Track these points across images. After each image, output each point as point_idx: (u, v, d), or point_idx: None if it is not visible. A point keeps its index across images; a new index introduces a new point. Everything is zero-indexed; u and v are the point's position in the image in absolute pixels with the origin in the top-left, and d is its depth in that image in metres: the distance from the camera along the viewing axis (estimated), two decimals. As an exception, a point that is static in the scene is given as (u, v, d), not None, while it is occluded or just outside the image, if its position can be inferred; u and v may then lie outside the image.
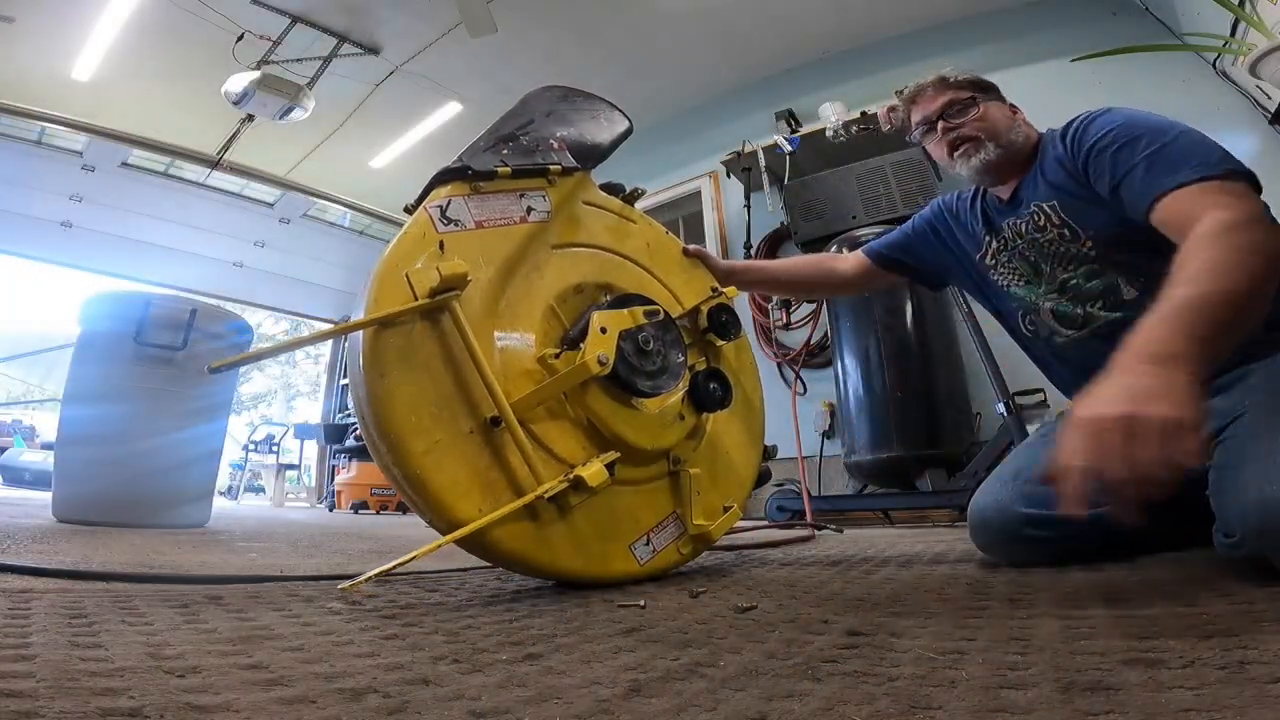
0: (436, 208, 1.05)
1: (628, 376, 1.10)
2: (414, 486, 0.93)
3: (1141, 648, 0.54)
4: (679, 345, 1.21)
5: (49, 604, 0.79)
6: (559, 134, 1.24)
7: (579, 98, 1.34)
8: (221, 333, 2.59)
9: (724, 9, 4.20)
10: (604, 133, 1.32)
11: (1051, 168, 1.21)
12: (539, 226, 1.16)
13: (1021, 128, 1.27)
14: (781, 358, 4.19)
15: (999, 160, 1.25)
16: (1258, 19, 2.36)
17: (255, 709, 0.43)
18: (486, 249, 1.08)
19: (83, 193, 5.78)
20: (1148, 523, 0.66)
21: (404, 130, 5.43)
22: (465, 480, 0.95)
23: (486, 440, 0.98)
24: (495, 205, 1.11)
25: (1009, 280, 1.34)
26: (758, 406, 1.44)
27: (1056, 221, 1.21)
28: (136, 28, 4.27)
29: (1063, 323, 1.25)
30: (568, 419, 1.09)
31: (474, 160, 1.11)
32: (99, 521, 2.24)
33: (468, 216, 1.08)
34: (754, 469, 1.38)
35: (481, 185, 1.10)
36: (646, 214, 1.39)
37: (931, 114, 1.29)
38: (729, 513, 1.26)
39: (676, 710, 0.44)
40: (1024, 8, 4.02)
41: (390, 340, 0.95)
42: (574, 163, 1.23)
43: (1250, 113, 3.19)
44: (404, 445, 0.92)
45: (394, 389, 0.93)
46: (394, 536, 2.39)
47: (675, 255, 1.41)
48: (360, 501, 5.62)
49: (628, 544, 1.11)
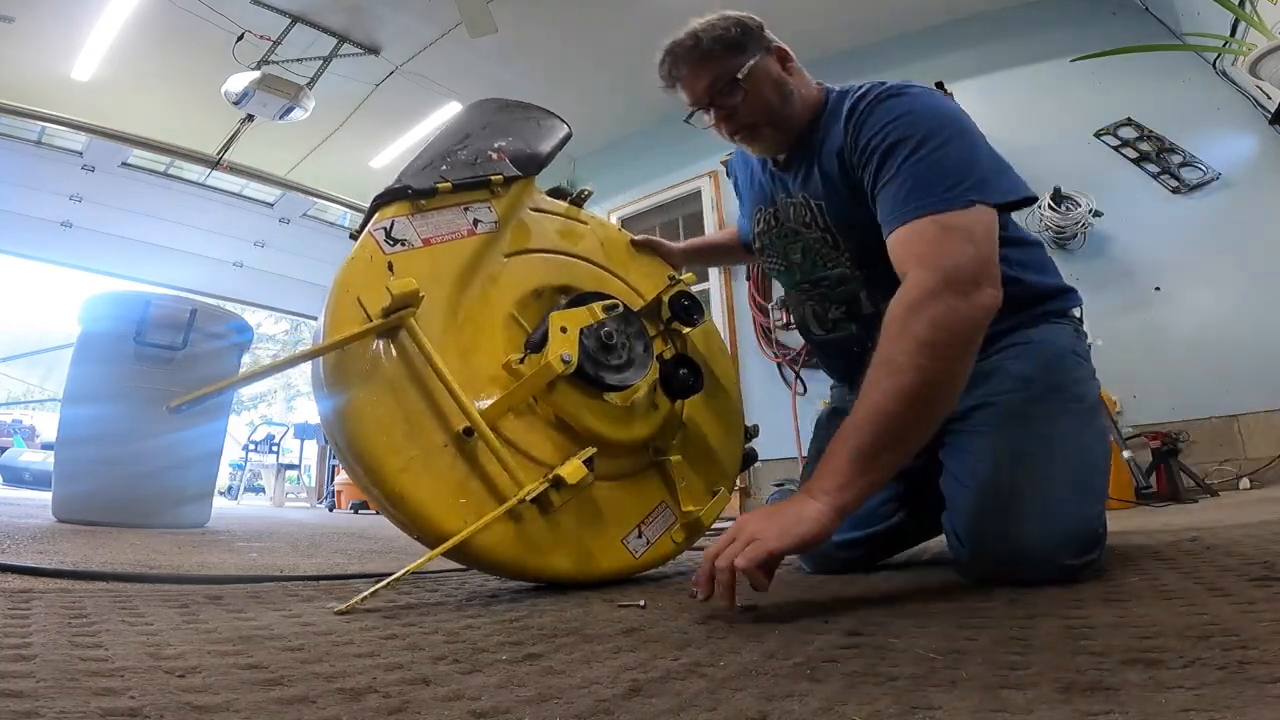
0: (381, 230, 1.06)
1: (594, 372, 1.12)
2: (395, 504, 0.93)
3: (1141, 648, 0.53)
4: (643, 336, 1.22)
5: (49, 604, 0.79)
6: (497, 144, 1.25)
7: (516, 108, 1.36)
8: (221, 333, 2.59)
9: (724, 9, 4.20)
10: (543, 140, 1.33)
11: (828, 157, 1.09)
12: (488, 237, 1.17)
13: (796, 91, 1.13)
14: (781, 358, 4.19)
15: (776, 141, 1.15)
16: (1258, 19, 2.37)
17: (255, 709, 0.43)
18: (436, 265, 1.09)
19: (83, 193, 5.79)
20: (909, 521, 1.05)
21: (404, 130, 5.43)
22: (445, 493, 0.95)
23: (461, 451, 0.99)
24: (440, 221, 1.12)
25: (772, 264, 1.28)
26: (732, 390, 1.44)
27: (821, 225, 1.14)
28: (136, 28, 4.27)
29: (817, 320, 1.23)
30: (540, 421, 1.10)
31: (413, 179, 1.11)
32: (99, 521, 2.24)
33: (414, 235, 1.08)
34: (737, 451, 1.39)
35: (423, 203, 1.11)
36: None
37: (700, 98, 1.13)
38: (718, 496, 1.26)
39: (676, 710, 0.44)
40: (1024, 8, 4.02)
41: (352, 363, 0.96)
42: (515, 171, 1.24)
43: (1250, 113, 3.19)
44: (380, 465, 0.92)
45: (362, 410, 0.94)
46: (394, 536, 2.39)
47: (631, 250, 1.43)
48: (360, 501, 5.63)
49: (619, 538, 1.11)
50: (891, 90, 1.03)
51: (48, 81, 4.69)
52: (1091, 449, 1.00)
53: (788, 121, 1.12)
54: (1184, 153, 3.35)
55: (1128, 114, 3.49)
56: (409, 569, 0.88)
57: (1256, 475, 2.88)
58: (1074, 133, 3.62)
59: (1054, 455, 0.96)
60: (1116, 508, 2.38)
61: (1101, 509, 0.97)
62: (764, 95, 1.10)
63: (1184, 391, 3.14)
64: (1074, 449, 0.97)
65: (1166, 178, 3.38)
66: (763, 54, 1.11)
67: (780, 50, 1.14)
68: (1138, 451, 2.77)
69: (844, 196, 1.08)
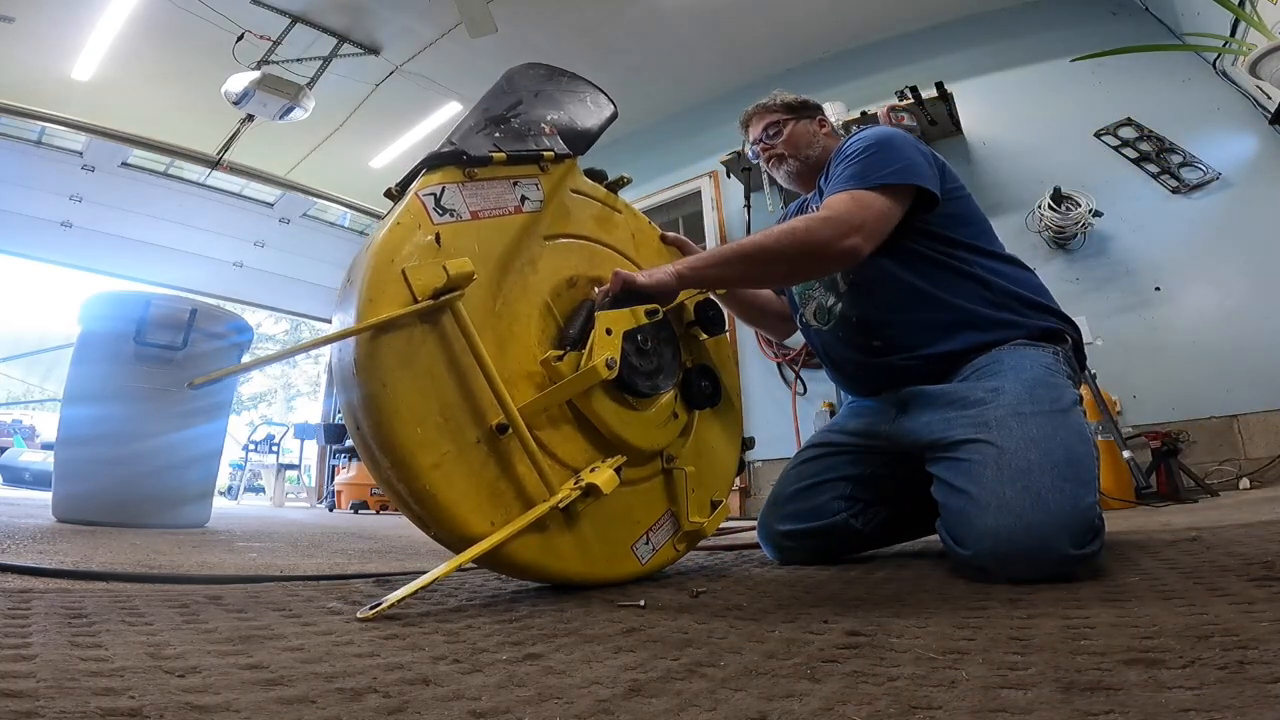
0: (430, 195, 0.95)
1: (629, 378, 1.07)
2: (421, 502, 0.87)
3: (1141, 648, 0.53)
4: (672, 342, 1.20)
5: (49, 604, 0.79)
6: (549, 117, 1.17)
7: (564, 78, 1.27)
8: (221, 333, 2.59)
9: (724, 9, 4.20)
10: (592, 117, 1.26)
11: (827, 181, 1.40)
12: (532, 217, 1.09)
13: (821, 142, 1.53)
14: (781, 358, 4.19)
15: (798, 170, 1.53)
16: (1258, 19, 2.37)
17: (255, 709, 0.43)
18: (483, 242, 1.00)
19: (83, 193, 5.79)
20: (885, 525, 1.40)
21: (404, 130, 5.43)
22: (475, 493, 0.89)
23: (493, 449, 0.93)
24: (490, 194, 1.03)
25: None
26: (736, 401, 1.43)
27: None
28: (136, 28, 4.27)
29: (818, 316, 1.46)
30: (569, 423, 1.05)
31: (467, 143, 1.02)
32: (99, 521, 2.24)
33: (463, 206, 0.99)
34: (735, 462, 1.38)
35: (476, 172, 1.01)
36: (644, 214, 1.39)
37: (757, 135, 1.58)
38: (720, 508, 1.26)
39: (676, 710, 0.44)
40: (1024, 8, 4.02)
41: (390, 345, 0.86)
42: (566, 149, 1.16)
43: (1250, 113, 3.19)
44: (411, 460, 0.85)
45: (398, 399, 0.85)
46: (394, 536, 2.39)
47: (657, 246, 1.37)
48: (360, 501, 5.63)
49: (630, 544, 1.11)
50: (862, 131, 1.37)
51: (48, 81, 4.69)
52: (1072, 442, 1.05)
53: (807, 159, 1.52)
54: (1184, 153, 3.35)
55: (1128, 114, 3.49)
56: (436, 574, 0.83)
57: (1256, 475, 2.87)
58: (1074, 133, 3.62)
59: (1038, 450, 1.02)
60: (1116, 508, 2.38)
61: (1094, 499, 0.99)
62: (795, 140, 1.53)
63: (1184, 391, 3.14)
64: (1055, 444, 1.03)
65: (1166, 178, 3.38)
66: (808, 119, 1.55)
67: (822, 120, 1.57)
68: (1138, 451, 2.77)
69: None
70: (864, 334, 1.36)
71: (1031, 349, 1.22)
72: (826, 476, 1.41)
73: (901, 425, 1.29)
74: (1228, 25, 2.77)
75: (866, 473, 1.39)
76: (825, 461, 1.43)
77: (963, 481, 1.06)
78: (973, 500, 1.02)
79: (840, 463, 1.42)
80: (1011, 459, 1.02)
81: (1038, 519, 0.94)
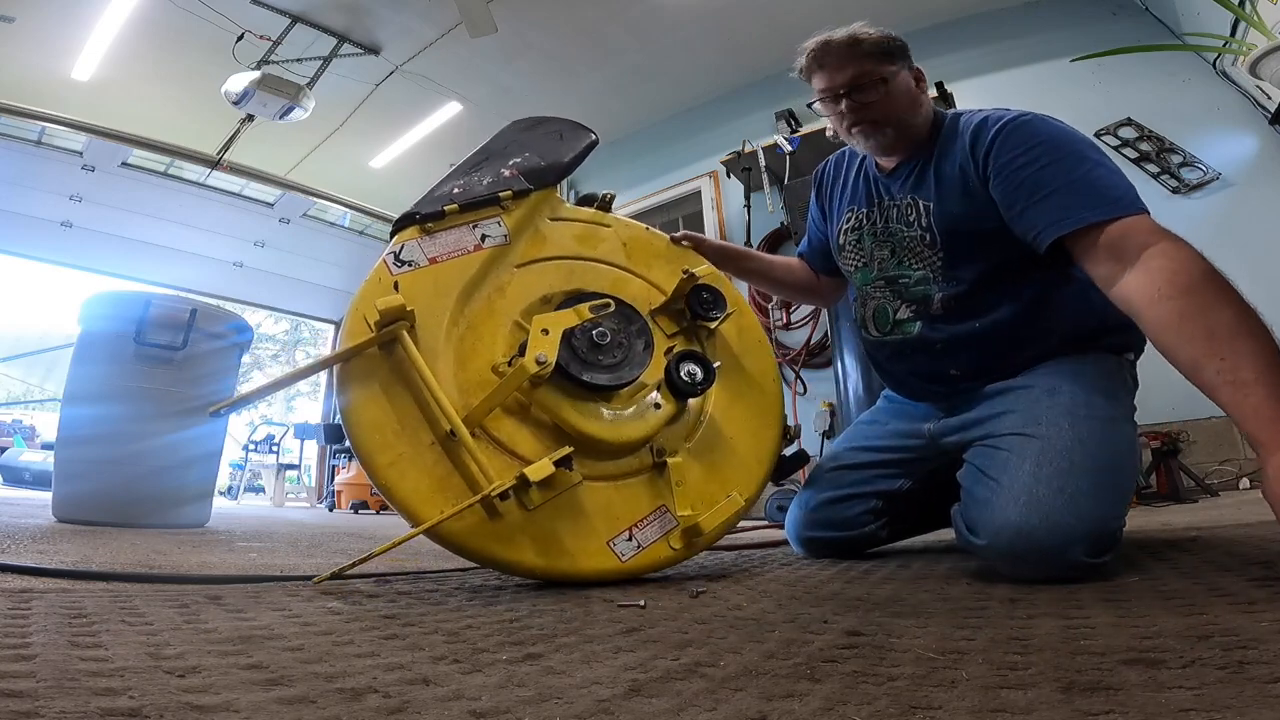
0: (391, 254, 1.18)
1: (580, 372, 1.15)
2: (385, 493, 1.06)
3: (1141, 648, 0.53)
4: (645, 334, 1.23)
5: (49, 604, 0.79)
6: (513, 161, 1.33)
7: (541, 124, 1.41)
8: (221, 333, 2.59)
9: (724, 9, 4.20)
10: (564, 150, 1.38)
11: (949, 166, 1.17)
12: (497, 250, 1.25)
13: (925, 106, 1.23)
14: (782, 358, 4.19)
15: (894, 142, 1.23)
16: (1258, 19, 2.37)
17: (255, 709, 0.43)
18: (440, 281, 1.19)
19: (83, 193, 5.79)
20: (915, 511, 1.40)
21: (404, 130, 5.43)
22: (427, 487, 1.05)
23: (446, 450, 1.08)
24: (447, 240, 1.22)
25: (851, 261, 1.39)
26: (769, 387, 1.37)
27: (924, 224, 1.22)
28: (136, 28, 4.27)
29: (876, 321, 1.32)
30: (532, 421, 1.15)
31: (423, 206, 1.23)
32: (99, 521, 2.23)
33: (421, 256, 1.20)
34: (767, 454, 1.31)
35: (430, 226, 1.21)
36: (644, 214, 1.41)
37: (838, 86, 1.20)
38: (726, 502, 1.20)
39: (676, 710, 0.44)
40: (1024, 8, 4.02)
41: (353, 370, 1.10)
42: (526, 185, 1.30)
43: (1250, 113, 3.19)
44: (370, 460, 1.05)
45: (359, 411, 1.07)
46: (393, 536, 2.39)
47: (658, 249, 1.42)
48: (360, 501, 5.63)
49: (605, 540, 1.10)
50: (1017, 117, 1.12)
51: (48, 81, 4.69)
52: (1121, 452, 1.02)
53: (910, 129, 1.22)
54: (1184, 153, 3.35)
55: (1128, 114, 3.50)
56: (382, 548, 1.04)
57: (1256, 475, 2.87)
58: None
59: (1084, 453, 0.99)
60: (1116, 508, 2.37)
61: (1123, 511, 0.98)
62: (898, 101, 1.20)
63: (1184, 391, 3.09)
64: (1103, 450, 0.99)
65: (1166, 178, 3.38)
66: (907, 68, 1.23)
67: (918, 71, 1.25)
68: (1138, 451, 2.77)
69: (957, 201, 1.17)
70: (941, 361, 1.24)
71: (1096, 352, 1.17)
72: (861, 490, 1.39)
73: (947, 425, 1.26)
74: (1228, 25, 2.77)
75: (900, 488, 1.38)
76: (861, 474, 1.41)
77: (996, 470, 1.04)
78: (1002, 490, 1.00)
79: (875, 476, 1.39)
80: (1055, 457, 0.99)
81: (1066, 521, 0.92)
